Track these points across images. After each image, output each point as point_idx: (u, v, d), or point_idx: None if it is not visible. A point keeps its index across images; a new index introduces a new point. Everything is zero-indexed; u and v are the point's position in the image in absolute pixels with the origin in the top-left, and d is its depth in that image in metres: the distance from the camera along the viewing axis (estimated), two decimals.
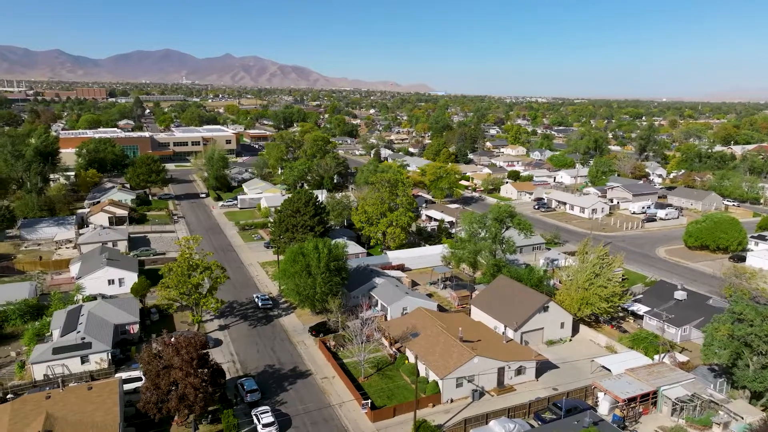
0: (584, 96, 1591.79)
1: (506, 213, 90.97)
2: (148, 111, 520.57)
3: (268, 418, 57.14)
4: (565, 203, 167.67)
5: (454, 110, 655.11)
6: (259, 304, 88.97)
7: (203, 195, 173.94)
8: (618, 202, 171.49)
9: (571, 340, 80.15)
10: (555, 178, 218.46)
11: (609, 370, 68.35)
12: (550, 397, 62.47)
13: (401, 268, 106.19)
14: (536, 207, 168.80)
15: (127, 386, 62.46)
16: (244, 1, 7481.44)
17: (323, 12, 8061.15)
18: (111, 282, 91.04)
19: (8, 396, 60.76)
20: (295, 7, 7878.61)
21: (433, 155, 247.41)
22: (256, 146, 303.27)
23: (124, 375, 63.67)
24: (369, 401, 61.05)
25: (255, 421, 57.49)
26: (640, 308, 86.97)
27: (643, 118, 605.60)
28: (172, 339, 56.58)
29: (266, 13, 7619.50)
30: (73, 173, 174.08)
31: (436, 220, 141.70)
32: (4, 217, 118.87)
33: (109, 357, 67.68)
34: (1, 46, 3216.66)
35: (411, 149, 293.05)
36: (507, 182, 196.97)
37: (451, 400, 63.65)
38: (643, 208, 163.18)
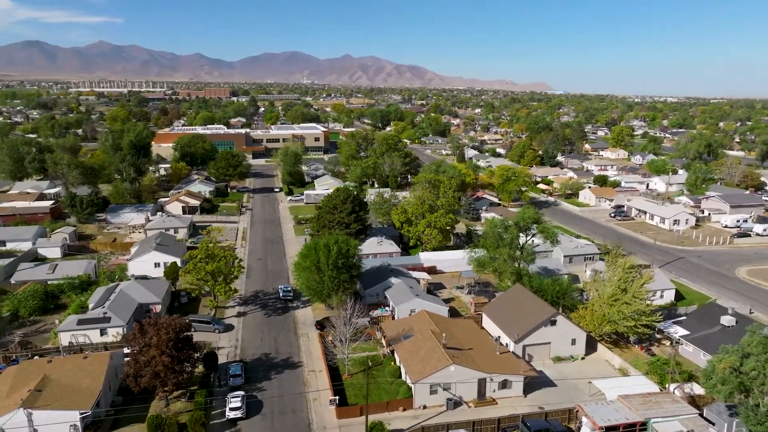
0: (725, 95, 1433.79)
1: (530, 219, 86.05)
2: (262, 109, 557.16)
3: (236, 403, 60.13)
4: (645, 212, 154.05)
5: (566, 110, 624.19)
6: (281, 294, 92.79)
7: (277, 189, 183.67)
8: (710, 214, 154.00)
9: (584, 358, 74.31)
10: (648, 184, 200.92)
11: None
12: (524, 415, 58.69)
13: (432, 270, 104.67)
14: (612, 215, 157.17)
15: None
16: (364, 3, 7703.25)
17: (440, 11, 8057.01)
18: (157, 265, 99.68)
19: (35, 358, 69.50)
20: (412, 7, 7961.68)
21: (517, 157, 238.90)
22: None
23: (126, 350, 69.85)
24: (337, 398, 61.57)
25: (226, 403, 60.69)
26: (678, 331, 78.26)
27: None
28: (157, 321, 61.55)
29: (385, 14, 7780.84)
30: (168, 165, 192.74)
31: None
32: (92, 202, 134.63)
33: (124, 331, 74.67)
34: (155, 52, 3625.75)
35: (499, 150, 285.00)
36: (588, 187, 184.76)
37: (424, 407, 62.13)
38: (738, 221, 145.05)
